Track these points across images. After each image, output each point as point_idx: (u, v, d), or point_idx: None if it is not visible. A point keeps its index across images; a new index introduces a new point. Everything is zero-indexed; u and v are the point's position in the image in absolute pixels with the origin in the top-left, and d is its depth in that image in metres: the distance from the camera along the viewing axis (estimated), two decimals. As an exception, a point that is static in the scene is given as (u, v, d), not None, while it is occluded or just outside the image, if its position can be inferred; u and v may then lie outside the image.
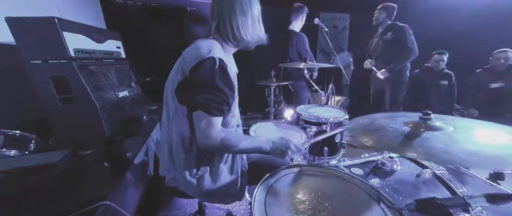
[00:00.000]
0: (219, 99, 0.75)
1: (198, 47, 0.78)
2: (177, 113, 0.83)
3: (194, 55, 0.75)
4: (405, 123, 0.71)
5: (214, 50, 0.76)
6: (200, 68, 0.73)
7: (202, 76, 0.73)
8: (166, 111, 0.88)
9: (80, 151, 1.17)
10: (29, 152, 1.14)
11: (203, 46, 0.77)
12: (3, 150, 1.07)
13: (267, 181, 0.76)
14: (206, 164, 0.87)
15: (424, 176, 0.92)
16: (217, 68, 0.74)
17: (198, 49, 0.77)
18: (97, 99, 1.22)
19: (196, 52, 0.76)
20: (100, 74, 1.34)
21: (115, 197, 0.96)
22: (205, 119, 0.75)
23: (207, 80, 0.73)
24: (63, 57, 1.14)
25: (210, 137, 0.76)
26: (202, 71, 0.73)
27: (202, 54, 0.74)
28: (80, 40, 1.23)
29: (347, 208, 0.66)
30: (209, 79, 0.73)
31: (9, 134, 1.10)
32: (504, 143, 0.56)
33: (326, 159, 1.61)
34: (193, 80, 0.74)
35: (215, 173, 0.88)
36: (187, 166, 0.85)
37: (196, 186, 0.87)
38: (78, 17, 1.99)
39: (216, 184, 0.88)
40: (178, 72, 0.79)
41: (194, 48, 0.79)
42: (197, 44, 0.80)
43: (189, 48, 0.83)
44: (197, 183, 0.87)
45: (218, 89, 0.74)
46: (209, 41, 0.81)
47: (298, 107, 1.86)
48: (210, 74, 0.73)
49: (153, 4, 2.99)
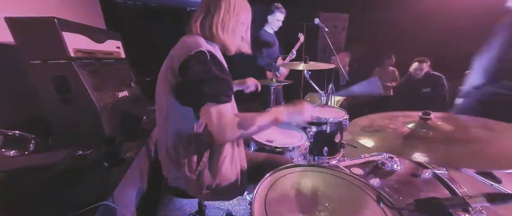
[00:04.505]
0: (223, 86, 0.74)
1: (184, 43, 0.78)
2: (173, 113, 0.82)
3: (182, 52, 0.75)
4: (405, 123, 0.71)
5: (201, 43, 0.75)
6: (192, 63, 0.72)
7: (198, 70, 0.72)
8: (160, 112, 0.87)
9: (80, 151, 1.17)
10: (29, 152, 1.14)
11: (189, 42, 0.77)
12: (3, 150, 1.07)
13: (267, 181, 0.76)
14: (205, 160, 0.87)
15: (424, 176, 0.92)
16: (209, 59, 0.73)
17: (185, 45, 0.77)
18: (97, 99, 1.22)
19: (183, 48, 0.76)
20: (100, 74, 1.34)
21: (115, 197, 0.96)
22: (216, 110, 0.73)
23: (205, 73, 0.72)
24: (63, 57, 1.14)
25: (226, 127, 0.74)
26: (195, 65, 0.72)
27: (190, 49, 0.73)
28: (79, 40, 1.23)
29: (347, 208, 0.66)
30: (207, 71, 0.72)
31: (9, 134, 1.10)
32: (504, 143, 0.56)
33: (326, 159, 1.61)
34: (191, 78, 0.73)
35: (214, 168, 0.88)
36: (187, 162, 0.85)
37: (196, 181, 0.87)
38: (77, 17, 1.98)
39: (216, 178, 0.88)
40: (167, 72, 0.78)
41: (181, 46, 0.79)
42: (183, 40, 0.81)
43: (175, 47, 0.83)
44: (197, 179, 0.87)
45: (218, 77, 0.74)
46: (193, 37, 0.81)
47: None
48: (205, 66, 0.72)
49: (153, 4, 2.99)
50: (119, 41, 1.62)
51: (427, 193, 0.84)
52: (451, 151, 0.55)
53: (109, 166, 1.09)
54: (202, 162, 0.86)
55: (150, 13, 3.00)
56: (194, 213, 1.43)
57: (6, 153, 1.07)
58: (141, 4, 2.93)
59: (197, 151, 0.86)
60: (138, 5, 2.92)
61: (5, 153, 1.07)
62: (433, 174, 0.93)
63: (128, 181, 1.15)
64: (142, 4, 2.94)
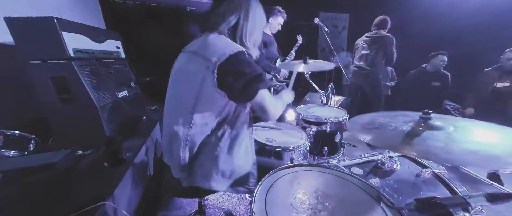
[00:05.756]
0: (264, 74, 0.84)
1: (218, 42, 0.81)
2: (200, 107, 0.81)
3: (219, 51, 0.77)
4: (405, 122, 0.71)
5: (234, 43, 0.83)
6: (238, 61, 0.78)
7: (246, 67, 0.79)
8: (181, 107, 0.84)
9: (80, 151, 1.17)
10: (28, 152, 1.14)
11: (223, 41, 0.82)
12: (3, 150, 1.07)
13: (267, 181, 0.76)
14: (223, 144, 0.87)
15: (424, 175, 0.92)
16: (248, 56, 0.82)
17: (220, 44, 0.81)
18: (97, 99, 1.22)
19: (219, 47, 0.79)
20: (100, 74, 1.34)
21: (115, 197, 0.96)
22: (266, 94, 0.84)
23: (252, 68, 0.80)
24: (63, 57, 1.14)
25: (277, 105, 0.89)
26: (242, 63, 0.79)
27: (230, 48, 0.78)
28: (79, 40, 1.23)
29: (347, 207, 0.66)
30: (253, 66, 0.80)
31: (8, 134, 1.10)
32: (504, 143, 0.56)
33: (326, 159, 1.61)
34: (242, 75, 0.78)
35: (231, 153, 0.88)
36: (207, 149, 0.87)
37: (213, 166, 0.86)
38: (77, 17, 1.99)
39: (232, 163, 0.88)
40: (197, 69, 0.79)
41: (213, 44, 0.80)
42: (212, 40, 0.82)
43: (201, 44, 0.83)
44: (214, 163, 0.86)
45: (259, 69, 0.82)
46: (223, 37, 0.85)
47: (298, 107, 1.86)
48: (249, 62, 0.81)
49: (153, 4, 2.99)
50: (119, 41, 1.62)
51: (427, 192, 0.84)
52: (451, 150, 0.55)
53: (109, 166, 1.09)
54: (219, 147, 0.86)
55: (150, 13, 3.00)
56: (194, 213, 1.43)
57: (6, 153, 1.07)
58: (141, 4, 2.93)
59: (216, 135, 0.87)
60: (138, 5, 2.92)
61: (5, 153, 1.07)
62: (433, 174, 0.93)
63: (128, 181, 1.15)
64: (142, 4, 2.93)
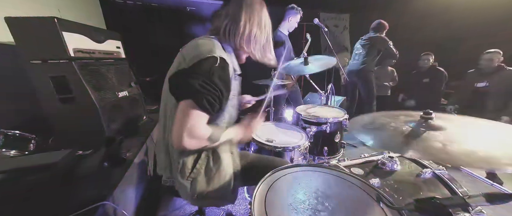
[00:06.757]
0: (213, 94, 0.72)
1: (198, 46, 0.77)
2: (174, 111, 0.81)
3: (194, 53, 0.74)
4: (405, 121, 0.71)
5: (215, 50, 0.74)
6: (201, 65, 0.72)
7: (201, 70, 0.72)
8: (163, 109, 0.87)
9: (80, 151, 1.17)
10: (29, 152, 1.14)
11: (204, 45, 0.76)
12: (3, 150, 1.07)
13: (266, 181, 0.76)
14: (200, 166, 0.86)
15: (424, 176, 0.92)
16: (217, 66, 0.72)
17: (199, 47, 0.76)
18: (97, 99, 1.22)
19: (196, 50, 0.75)
20: (100, 74, 1.34)
21: (115, 197, 0.96)
22: (195, 111, 0.70)
23: (206, 74, 0.71)
24: (63, 57, 1.14)
25: (196, 134, 0.72)
26: (202, 67, 0.72)
27: (202, 53, 0.73)
28: (79, 40, 1.23)
29: (347, 208, 0.66)
30: (208, 74, 0.71)
31: (9, 134, 1.10)
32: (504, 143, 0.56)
33: (326, 159, 1.61)
34: (191, 70, 0.72)
35: (208, 175, 0.87)
36: (181, 168, 0.84)
37: (189, 188, 0.86)
38: (77, 17, 1.99)
39: (209, 186, 0.87)
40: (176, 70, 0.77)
41: (195, 47, 0.77)
42: (197, 42, 0.79)
43: (188, 46, 0.81)
44: (190, 186, 0.86)
45: (215, 84, 0.72)
46: (210, 40, 0.80)
47: (298, 107, 1.86)
48: (209, 70, 0.71)
49: (153, 4, 2.99)
50: (119, 41, 1.62)
51: (427, 193, 0.84)
52: (451, 150, 0.55)
53: (109, 166, 1.09)
54: (196, 169, 0.85)
55: (150, 13, 3.00)
56: (194, 213, 1.43)
57: (6, 153, 1.07)
58: (141, 4, 2.93)
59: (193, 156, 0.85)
60: (138, 5, 2.92)
61: (5, 153, 1.07)
62: (433, 174, 0.93)
63: (128, 181, 1.15)
64: (142, 4, 2.94)
